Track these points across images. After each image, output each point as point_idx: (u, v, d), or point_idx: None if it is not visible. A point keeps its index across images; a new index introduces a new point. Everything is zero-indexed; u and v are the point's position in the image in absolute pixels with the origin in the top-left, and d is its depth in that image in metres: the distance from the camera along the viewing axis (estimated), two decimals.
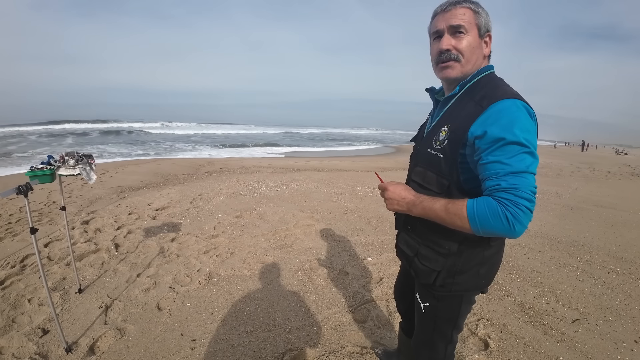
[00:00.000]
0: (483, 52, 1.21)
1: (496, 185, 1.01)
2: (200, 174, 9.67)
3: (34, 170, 2.35)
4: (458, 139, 1.13)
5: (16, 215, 5.03)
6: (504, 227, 0.98)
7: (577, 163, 19.30)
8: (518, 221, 0.96)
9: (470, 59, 1.18)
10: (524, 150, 1.00)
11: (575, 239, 4.80)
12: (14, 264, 3.37)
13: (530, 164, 1.01)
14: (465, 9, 1.15)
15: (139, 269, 3.41)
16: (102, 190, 7.02)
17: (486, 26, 1.18)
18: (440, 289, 1.29)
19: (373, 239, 4.44)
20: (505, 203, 0.98)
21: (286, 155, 19.99)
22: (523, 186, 0.98)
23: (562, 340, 2.48)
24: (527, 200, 0.97)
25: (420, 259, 1.32)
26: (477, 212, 1.02)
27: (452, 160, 1.15)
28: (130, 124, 54.88)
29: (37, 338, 2.34)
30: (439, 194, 1.20)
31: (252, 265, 3.55)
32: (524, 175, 0.99)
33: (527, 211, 0.97)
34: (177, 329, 2.51)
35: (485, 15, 1.17)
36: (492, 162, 1.03)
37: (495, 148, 1.02)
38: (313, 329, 2.54)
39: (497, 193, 1.00)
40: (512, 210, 0.97)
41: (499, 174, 1.01)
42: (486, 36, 1.20)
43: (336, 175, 10.11)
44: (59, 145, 23.37)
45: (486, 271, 1.27)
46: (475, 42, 1.17)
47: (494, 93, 1.10)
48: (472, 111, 1.11)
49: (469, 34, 1.15)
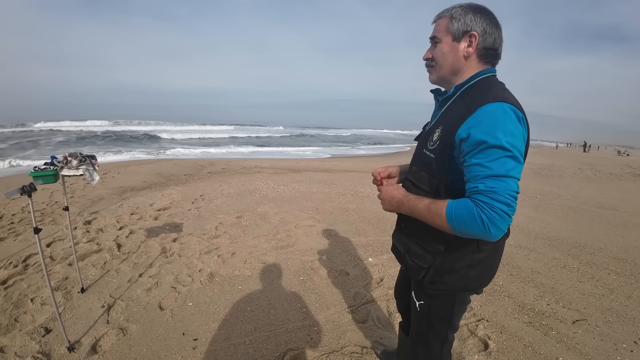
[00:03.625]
0: (461, 53, 1.21)
1: (474, 187, 1.03)
2: (202, 175, 9.70)
3: (37, 170, 2.37)
4: (447, 140, 1.15)
5: (19, 215, 5.06)
6: (480, 229, 1.00)
7: (579, 164, 19.25)
8: (493, 224, 0.98)
9: (444, 63, 1.25)
10: (506, 154, 1.01)
11: (577, 240, 4.80)
12: (17, 264, 3.39)
13: (511, 168, 1.01)
14: (442, 19, 1.24)
15: (141, 268, 3.43)
16: (105, 190, 7.05)
17: (463, 28, 1.19)
18: (430, 286, 1.32)
19: (374, 239, 4.45)
20: (481, 205, 0.99)
21: (333, 156, 20.46)
22: (501, 190, 0.99)
23: (562, 341, 2.49)
24: (504, 204, 0.98)
25: (410, 256, 1.36)
26: (454, 213, 1.05)
27: (442, 161, 1.18)
28: (155, 127, 53.90)
29: (39, 337, 2.35)
30: (429, 194, 1.23)
31: (253, 265, 3.56)
32: (503, 179, 1.00)
33: (503, 215, 0.98)
34: (179, 329, 2.52)
35: (462, 18, 1.19)
36: (474, 164, 1.04)
37: (477, 151, 1.04)
38: (314, 328, 2.56)
39: (475, 195, 1.02)
40: (487, 212, 0.98)
41: (479, 176, 1.03)
42: (465, 38, 1.20)
43: (337, 176, 10.12)
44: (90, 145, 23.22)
45: (477, 274, 1.28)
46: (447, 47, 1.23)
47: (483, 96, 1.11)
48: (461, 113, 1.12)
49: (442, 42, 1.24)
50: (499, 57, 1.25)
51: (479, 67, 1.23)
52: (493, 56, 1.24)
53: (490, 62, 1.24)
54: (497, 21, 1.21)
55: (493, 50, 1.22)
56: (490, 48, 1.21)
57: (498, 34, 1.21)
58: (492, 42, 1.20)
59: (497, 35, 1.21)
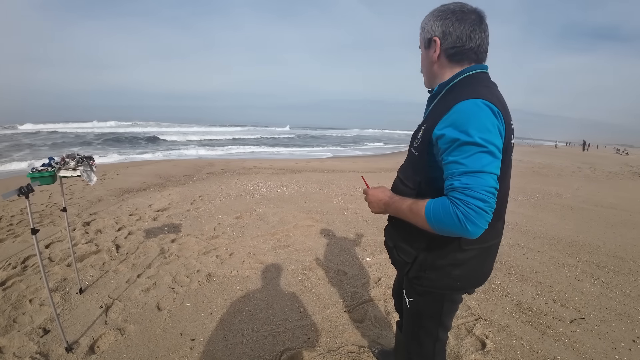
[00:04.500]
0: (431, 59, 1.26)
1: (450, 184, 1.04)
2: (201, 175, 9.70)
3: (35, 171, 2.37)
4: (427, 138, 1.16)
5: (17, 217, 5.06)
6: (457, 226, 1.00)
7: (578, 163, 19.26)
8: (470, 221, 0.97)
9: (423, 70, 1.35)
10: (481, 150, 1.01)
11: (575, 239, 4.80)
12: (15, 265, 3.39)
13: (487, 164, 1.01)
14: (420, 30, 1.30)
15: (139, 269, 3.43)
16: (103, 191, 7.05)
17: (427, 36, 1.24)
18: (415, 281, 1.34)
19: (372, 239, 4.45)
20: (457, 203, 0.99)
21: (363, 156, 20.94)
22: (476, 186, 0.99)
23: (559, 340, 2.49)
24: (479, 200, 0.98)
25: (397, 250, 1.39)
26: (433, 212, 1.06)
27: (423, 159, 1.20)
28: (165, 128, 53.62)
29: (38, 338, 2.36)
30: (413, 190, 1.26)
31: (251, 265, 3.57)
32: (478, 174, 1.00)
33: (479, 211, 0.97)
34: (177, 329, 2.53)
35: (426, 26, 1.25)
36: (450, 162, 1.05)
37: (452, 148, 1.05)
38: (311, 328, 2.56)
39: (451, 193, 1.02)
40: (462, 209, 0.98)
41: (454, 174, 1.03)
42: (432, 44, 1.23)
43: (336, 176, 10.13)
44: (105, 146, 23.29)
45: (461, 274, 1.28)
46: (422, 56, 1.32)
47: (460, 94, 1.11)
48: (440, 112, 1.13)
49: (421, 51, 1.33)
50: (475, 51, 1.19)
51: (457, 66, 1.22)
52: (465, 52, 1.19)
53: (466, 58, 1.20)
54: (464, 16, 1.17)
55: (459, 47, 1.18)
56: (455, 46, 1.19)
57: (464, 28, 1.16)
58: (455, 40, 1.18)
59: (460, 30, 1.16)
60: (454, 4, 1.21)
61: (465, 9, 1.19)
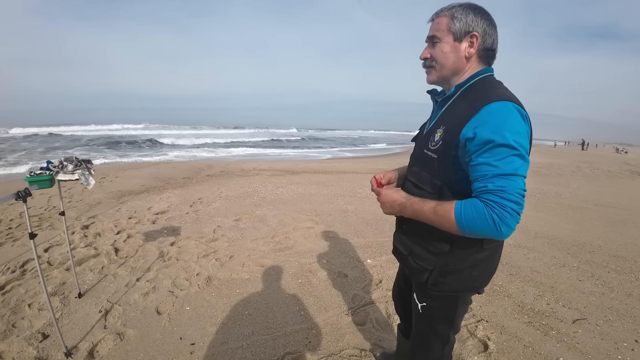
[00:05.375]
0: (462, 54, 1.21)
1: (483, 187, 1.02)
2: (200, 178, 9.68)
3: (32, 175, 2.36)
4: (451, 140, 1.14)
5: (17, 220, 5.04)
6: (491, 229, 0.99)
7: (577, 162, 19.29)
8: (504, 223, 0.97)
9: (445, 63, 1.23)
10: (513, 152, 1.01)
11: (576, 238, 4.79)
12: (14, 269, 3.37)
13: (519, 167, 1.01)
14: (442, 18, 1.22)
15: (138, 273, 3.41)
16: (102, 194, 7.03)
17: (465, 28, 1.19)
18: (432, 287, 1.30)
19: (372, 240, 4.44)
20: (491, 205, 0.99)
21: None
22: (510, 188, 0.98)
23: (562, 340, 2.48)
24: (514, 203, 0.98)
25: (414, 258, 1.34)
26: (464, 214, 1.03)
27: (445, 161, 1.17)
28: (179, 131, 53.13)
29: (37, 342, 2.34)
30: (432, 194, 1.22)
31: (251, 268, 3.55)
32: (511, 177, 1.00)
33: (513, 213, 0.97)
34: (176, 333, 2.51)
35: (464, 18, 1.18)
36: (481, 164, 1.03)
37: (484, 150, 1.03)
38: (312, 332, 2.54)
39: (484, 195, 1.01)
40: (498, 212, 0.97)
41: (487, 176, 1.02)
42: (467, 38, 1.20)
43: (336, 177, 10.11)
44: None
45: (479, 273, 1.27)
46: (449, 47, 1.22)
47: (487, 95, 1.10)
48: (465, 113, 1.12)
49: (442, 41, 1.22)
50: (495, 57, 1.26)
51: (478, 67, 1.24)
52: (491, 56, 1.25)
53: (488, 62, 1.26)
54: (494, 22, 1.22)
55: (492, 51, 1.23)
56: (490, 49, 1.22)
57: (496, 34, 1.22)
58: (491, 43, 1.21)
59: (495, 36, 1.22)
60: (481, 5, 1.22)
61: (491, 15, 1.22)
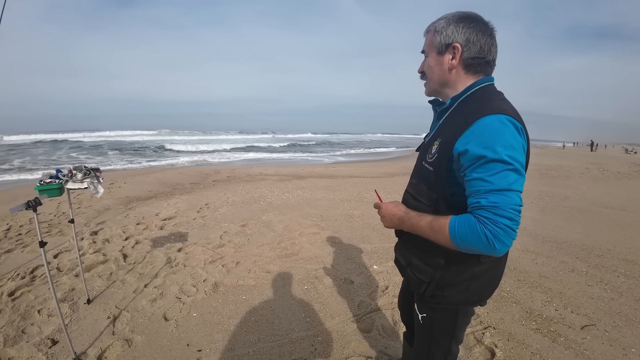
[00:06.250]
0: (446, 66, 1.20)
1: (477, 202, 1.01)
2: (207, 183, 9.74)
3: (42, 184, 2.40)
4: (445, 153, 1.13)
5: (26, 227, 5.11)
6: (484, 245, 0.98)
7: (586, 164, 19.06)
8: (498, 240, 0.96)
9: (432, 77, 1.27)
10: (507, 167, 0.99)
11: (585, 242, 4.74)
12: (24, 275, 3.42)
13: (513, 182, 0.99)
14: (429, 34, 1.25)
15: (146, 279, 3.44)
16: (111, 200, 7.10)
17: (445, 41, 1.17)
18: (431, 299, 1.30)
19: (379, 246, 4.43)
20: (484, 222, 0.98)
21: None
22: (504, 204, 0.97)
23: (570, 347, 2.46)
24: (507, 219, 0.96)
25: (412, 269, 1.34)
26: (457, 230, 1.03)
27: (440, 174, 1.16)
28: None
29: (46, 348, 2.37)
30: (429, 207, 1.22)
31: (257, 274, 3.56)
32: (505, 193, 0.98)
33: (507, 229, 0.96)
34: (183, 339, 2.53)
35: (444, 31, 1.17)
36: (475, 179, 1.03)
37: (477, 165, 1.02)
38: (318, 338, 2.55)
39: (478, 211, 1.00)
40: (491, 228, 0.96)
41: (480, 191, 1.01)
42: (449, 50, 1.18)
43: (342, 181, 10.11)
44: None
45: (478, 287, 1.26)
46: (433, 61, 1.24)
47: (480, 108, 1.09)
48: (458, 127, 1.10)
49: (429, 56, 1.26)
50: (491, 64, 1.20)
51: (471, 78, 1.20)
52: (483, 64, 1.19)
53: (482, 70, 1.20)
54: (485, 27, 1.16)
55: (481, 59, 1.17)
56: (477, 57, 1.17)
57: (486, 40, 1.16)
58: (477, 51, 1.16)
59: (484, 41, 1.16)
60: (471, 12, 1.18)
61: (484, 19, 1.17)
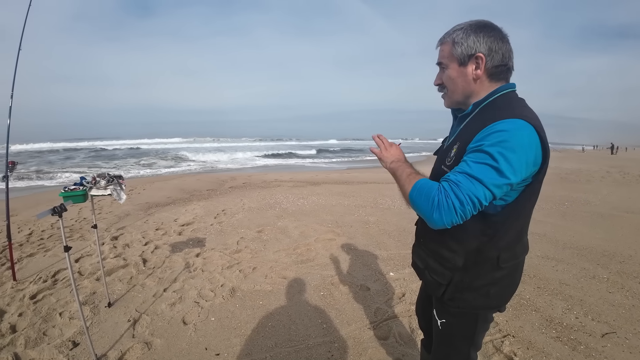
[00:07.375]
0: (470, 77, 1.18)
1: (447, 175, 1.08)
2: (224, 190, 9.85)
3: (67, 191, 2.48)
4: (462, 156, 1.13)
5: (48, 232, 5.27)
6: (426, 208, 1.05)
7: (607, 167, 18.53)
8: (439, 210, 1.02)
9: (455, 89, 1.24)
10: (492, 163, 1.00)
11: (606, 248, 4.61)
12: (46, 279, 3.53)
13: (489, 178, 1.00)
14: (445, 45, 1.23)
15: (165, 283, 3.51)
16: (131, 206, 7.25)
17: (467, 52, 1.16)
18: (450, 303, 1.30)
19: (395, 253, 4.41)
20: (440, 189, 1.04)
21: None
22: (465, 188, 1.01)
23: (590, 355, 2.40)
24: (458, 201, 1.00)
25: (429, 271, 1.34)
26: (419, 187, 1.11)
27: None
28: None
29: (67, 350, 2.44)
30: None
31: (274, 280, 3.59)
32: (474, 181, 1.01)
33: (452, 208, 1.00)
34: (202, 343, 2.56)
35: (465, 42, 1.16)
36: (463, 160, 1.08)
37: (470, 151, 1.08)
38: (334, 345, 2.55)
39: (443, 182, 1.07)
40: (440, 198, 1.02)
41: (456, 170, 1.07)
42: (472, 60, 1.16)
43: (357, 187, 10.09)
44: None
45: (497, 292, 1.25)
46: (455, 73, 1.21)
47: (501, 113, 1.08)
48: (476, 129, 1.11)
49: (448, 68, 1.23)
50: (511, 70, 1.20)
51: (493, 85, 1.19)
52: (505, 71, 1.19)
53: (504, 77, 1.20)
54: (502, 34, 1.16)
55: (503, 66, 1.17)
56: (500, 65, 1.17)
57: (505, 47, 1.16)
58: (500, 59, 1.16)
59: (504, 49, 1.16)
60: (485, 21, 1.18)
61: (498, 27, 1.17)
